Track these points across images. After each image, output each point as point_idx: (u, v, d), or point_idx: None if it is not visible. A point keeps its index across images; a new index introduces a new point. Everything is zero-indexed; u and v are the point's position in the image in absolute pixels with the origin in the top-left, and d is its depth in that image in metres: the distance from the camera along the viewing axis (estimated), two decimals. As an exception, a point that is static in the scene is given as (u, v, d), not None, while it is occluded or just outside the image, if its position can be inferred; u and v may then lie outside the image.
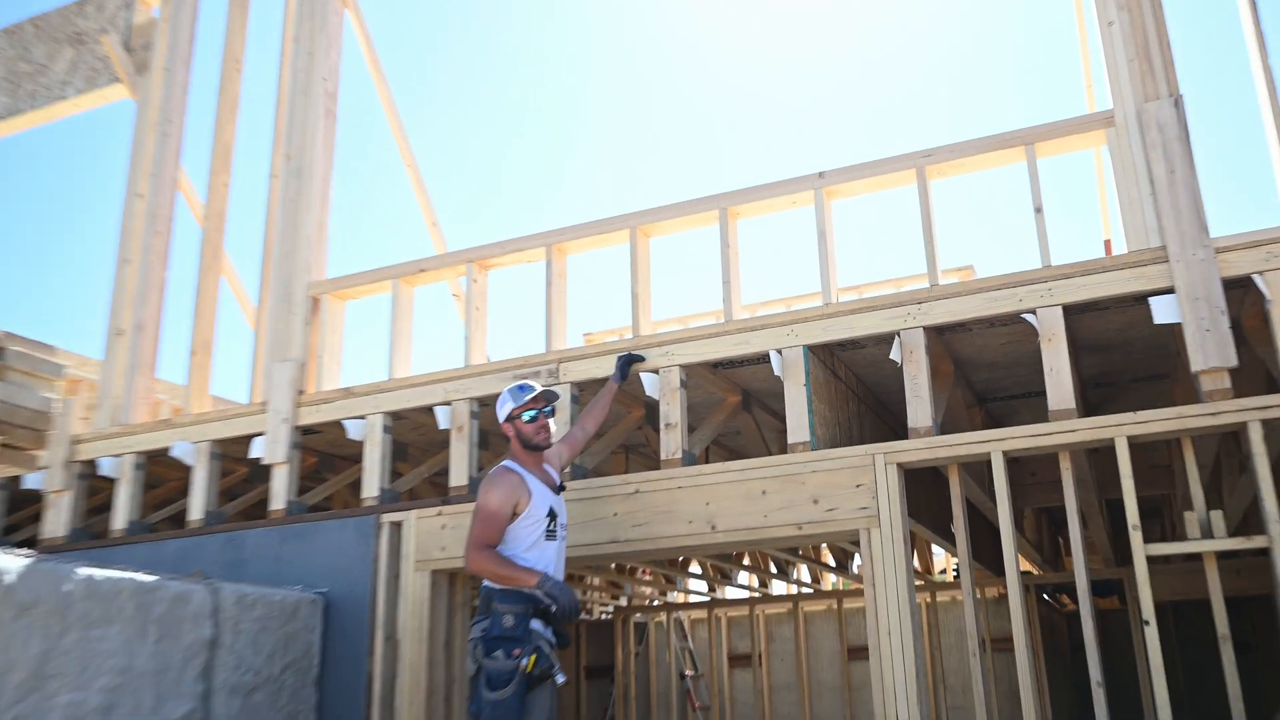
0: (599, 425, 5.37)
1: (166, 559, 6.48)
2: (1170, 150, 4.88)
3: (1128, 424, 4.63)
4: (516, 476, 4.63)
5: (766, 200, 5.74)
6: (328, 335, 6.74)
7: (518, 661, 4.29)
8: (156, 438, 7.07)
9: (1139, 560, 4.56)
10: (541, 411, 4.75)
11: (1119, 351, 5.97)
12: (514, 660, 4.30)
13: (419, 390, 6.25)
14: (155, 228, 7.70)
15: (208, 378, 7.49)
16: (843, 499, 4.95)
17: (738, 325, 5.54)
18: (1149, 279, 4.78)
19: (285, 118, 7.40)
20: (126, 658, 4.60)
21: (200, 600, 5.07)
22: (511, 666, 4.28)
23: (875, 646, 4.74)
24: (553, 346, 6.00)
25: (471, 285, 6.35)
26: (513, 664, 4.29)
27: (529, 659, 4.30)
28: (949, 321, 5.13)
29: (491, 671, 4.31)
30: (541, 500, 4.64)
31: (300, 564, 6.08)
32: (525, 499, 4.58)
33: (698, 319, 9.47)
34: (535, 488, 4.65)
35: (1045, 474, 7.94)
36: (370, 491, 6.18)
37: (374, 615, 5.80)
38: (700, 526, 5.20)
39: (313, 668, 5.78)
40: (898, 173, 5.45)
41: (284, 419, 6.54)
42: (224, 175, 7.84)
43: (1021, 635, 4.73)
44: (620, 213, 6.02)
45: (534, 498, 4.60)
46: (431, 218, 8.58)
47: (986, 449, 4.84)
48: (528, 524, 4.57)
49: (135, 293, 7.60)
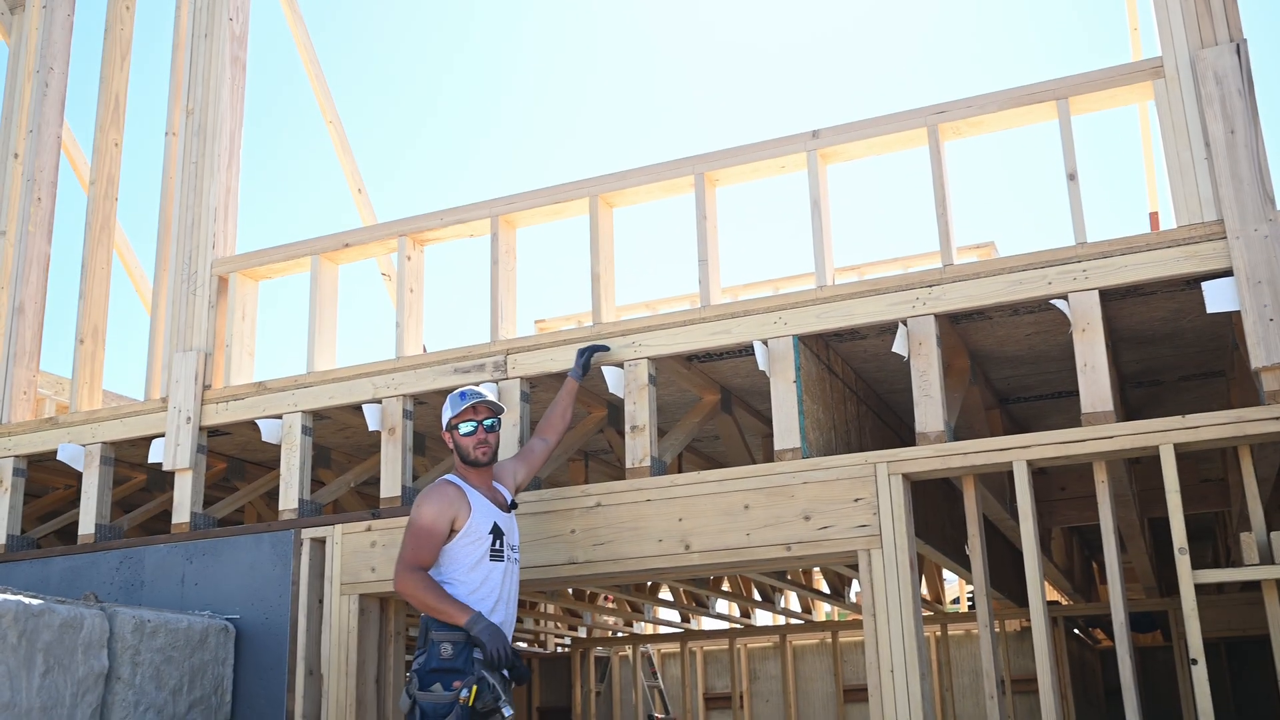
0: (561, 435, 5.41)
1: (53, 579, 6.52)
2: (1230, 106, 4.81)
3: (1175, 430, 4.61)
4: (454, 489, 4.72)
5: (751, 164, 5.70)
6: (237, 321, 6.72)
7: (457, 694, 4.36)
8: (40, 439, 7.10)
9: (1186, 589, 4.53)
10: (481, 424, 4.83)
11: (1165, 344, 5.95)
12: (453, 693, 4.37)
13: (344, 385, 6.25)
14: (35, 194, 7.68)
15: (99, 370, 7.48)
16: (839, 515, 4.94)
17: (716, 311, 5.52)
18: (1202, 259, 4.74)
19: (185, 65, 7.34)
20: (10, 692, 4.59)
21: (93, 627, 5.06)
22: (449, 699, 4.36)
23: (876, 687, 4.73)
24: (499, 335, 6.00)
25: (405, 263, 6.34)
26: (450, 696, 4.36)
27: (470, 690, 4.36)
28: (965, 308, 5.11)
29: (426, 706, 4.39)
30: (483, 517, 4.72)
31: (208, 586, 6.11)
32: (464, 514, 4.67)
33: (669, 304, 9.50)
34: (477, 502, 4.74)
35: (1077, 488, 7.97)
36: (288, 503, 6.20)
37: (294, 646, 5.80)
38: (672, 546, 5.21)
39: (224, 705, 5.80)
40: (906, 132, 5.40)
41: (187, 418, 6.56)
42: (114, 133, 7.81)
43: (1047, 675, 4.70)
44: (579, 178, 6.00)
45: (474, 513, 4.69)
46: (357, 183, 8.62)
47: (1008, 458, 4.83)
48: (466, 543, 4.65)
49: (13, 270, 7.58)
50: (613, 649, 12.44)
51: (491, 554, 4.68)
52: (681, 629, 13.10)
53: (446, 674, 4.43)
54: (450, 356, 6.01)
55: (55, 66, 7.90)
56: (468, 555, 4.64)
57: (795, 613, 12.51)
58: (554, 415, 5.37)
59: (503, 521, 4.81)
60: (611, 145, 49.93)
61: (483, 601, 4.62)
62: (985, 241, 8.33)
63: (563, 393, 5.45)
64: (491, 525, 4.72)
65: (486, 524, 4.70)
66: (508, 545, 4.78)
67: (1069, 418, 6.95)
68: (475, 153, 48.01)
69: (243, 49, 7.23)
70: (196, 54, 7.16)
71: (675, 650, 12.49)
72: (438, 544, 4.62)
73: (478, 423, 4.82)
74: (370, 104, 39.77)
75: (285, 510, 6.16)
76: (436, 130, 47.16)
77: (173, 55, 7.79)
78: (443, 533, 4.62)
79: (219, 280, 6.77)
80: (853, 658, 11.44)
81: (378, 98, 41.15)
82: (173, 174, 7.61)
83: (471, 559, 4.63)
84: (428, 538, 4.60)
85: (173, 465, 6.49)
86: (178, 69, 7.71)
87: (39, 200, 7.66)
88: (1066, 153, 5.06)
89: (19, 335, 7.43)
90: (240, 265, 6.76)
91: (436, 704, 4.37)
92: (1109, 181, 41.05)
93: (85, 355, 7.40)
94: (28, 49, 7.96)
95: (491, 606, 4.63)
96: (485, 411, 4.85)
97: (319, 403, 6.28)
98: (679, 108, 52.46)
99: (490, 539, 4.69)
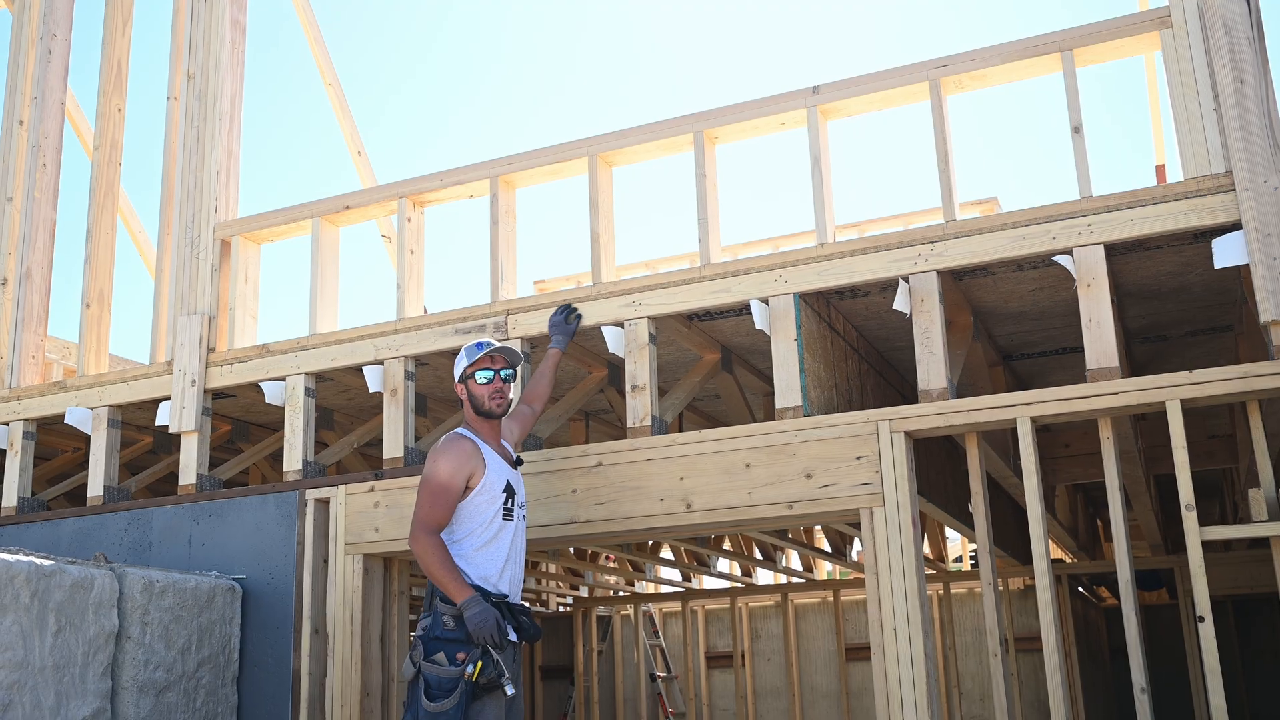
0: (545, 406, 5.36)
1: (64, 540, 6.56)
2: (1239, 54, 4.72)
3: (1182, 385, 4.56)
4: (470, 444, 4.60)
5: (750, 121, 5.64)
6: (240, 284, 6.68)
7: (462, 668, 4.27)
8: (48, 402, 7.09)
9: (1193, 546, 4.49)
10: (498, 373, 4.71)
11: (1172, 299, 5.91)
12: (458, 667, 4.28)
13: (346, 347, 6.23)
14: (40, 160, 7.62)
15: (105, 334, 7.45)
16: (840, 473, 4.93)
17: (716, 270, 5.49)
18: (1210, 212, 4.66)
19: (185, 29, 7.29)
20: (23, 650, 4.62)
21: (103, 587, 5.09)
22: (455, 674, 4.26)
23: (878, 645, 4.73)
24: (500, 296, 5.97)
25: (405, 225, 6.31)
26: (456, 672, 4.27)
27: (474, 665, 4.25)
28: (967, 264, 5.06)
29: (431, 678, 4.29)
30: (498, 473, 4.61)
31: (215, 546, 6.14)
32: (480, 470, 4.55)
33: (669, 263, 9.50)
34: (491, 459, 4.62)
35: (1081, 445, 8.00)
36: (292, 464, 6.19)
37: (300, 605, 5.82)
38: (673, 505, 5.20)
39: (231, 664, 5.83)
40: (907, 86, 5.34)
41: (192, 381, 6.54)
42: (117, 98, 7.74)
43: (1051, 634, 4.68)
44: (578, 137, 5.96)
45: (489, 470, 4.57)
46: (357, 145, 8.65)
47: (1011, 415, 4.79)
48: (482, 500, 4.54)
49: (19, 236, 7.54)
50: (614, 608, 12.43)
51: (504, 512, 4.58)
52: (683, 588, 13.12)
53: (450, 644, 4.33)
54: (451, 317, 5.97)
55: (58, 33, 7.84)
56: (481, 513, 4.52)
57: (796, 571, 12.50)
58: (539, 386, 5.27)
59: (513, 479, 4.71)
60: (610, 104, 49.64)
61: (493, 561, 4.52)
62: (988, 197, 8.31)
63: (545, 363, 5.34)
64: (505, 483, 4.62)
65: (500, 481, 4.60)
66: (517, 503, 4.69)
67: (1073, 374, 6.98)
68: (474, 114, 47.81)
69: (242, 12, 7.16)
70: (197, 18, 7.09)
71: (677, 609, 12.44)
72: (454, 501, 4.49)
73: (495, 371, 4.70)
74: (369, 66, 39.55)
75: (289, 471, 6.16)
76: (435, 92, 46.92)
77: (173, 20, 7.75)
78: (459, 489, 4.50)
79: (221, 244, 6.74)
80: (854, 616, 11.38)
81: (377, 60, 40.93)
82: (174, 139, 7.56)
83: (485, 517, 4.52)
84: (444, 494, 4.48)
85: (178, 428, 6.49)
86: (178, 33, 7.67)
87: (44, 166, 7.61)
88: (1071, 105, 4.99)
89: (26, 300, 7.41)
90: (242, 229, 6.73)
91: (441, 677, 4.26)
92: (1115, 135, 40.72)
93: (91, 320, 7.37)
94: (31, 16, 7.90)
95: (501, 566, 4.53)
96: (503, 361, 4.74)
97: (321, 365, 6.26)
98: (678, 66, 52.12)
99: (504, 497, 4.59)
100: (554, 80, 48.29)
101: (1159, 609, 10.45)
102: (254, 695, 5.79)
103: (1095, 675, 10.11)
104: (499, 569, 4.52)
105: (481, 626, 4.29)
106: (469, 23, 46.80)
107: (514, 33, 47.02)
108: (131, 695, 5.15)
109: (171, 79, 7.61)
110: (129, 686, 5.14)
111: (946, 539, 11.71)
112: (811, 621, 11.69)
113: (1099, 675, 10.42)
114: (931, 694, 4.60)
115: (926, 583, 4.95)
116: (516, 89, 49.00)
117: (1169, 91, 4.90)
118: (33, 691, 4.63)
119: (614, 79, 51.21)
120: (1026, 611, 10.10)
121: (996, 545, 7.01)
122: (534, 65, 46.66)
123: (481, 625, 4.30)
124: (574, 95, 48.31)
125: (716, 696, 11.98)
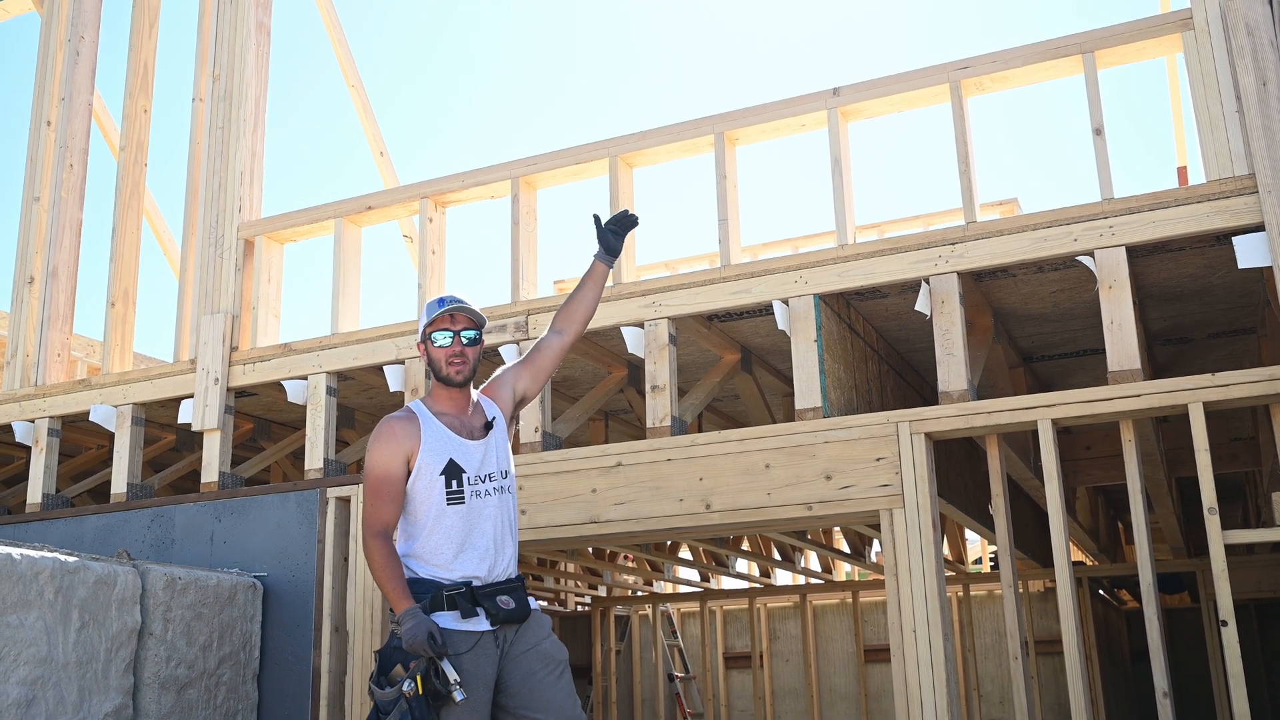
0: (582, 328, 4.37)
1: (87, 537, 6.59)
2: (1262, 57, 4.70)
3: (1204, 387, 4.53)
4: (398, 423, 3.97)
5: (771, 122, 5.65)
6: (263, 283, 6.71)
7: (399, 686, 3.65)
8: (73, 400, 7.12)
9: (1216, 550, 4.46)
10: (458, 334, 4.02)
11: (1194, 301, 5.89)
12: (394, 690, 3.68)
13: (367, 346, 6.25)
14: (68, 160, 7.65)
15: (130, 332, 7.46)
16: (860, 475, 4.92)
17: (736, 270, 5.48)
18: (1233, 213, 4.64)
19: (211, 32, 7.32)
20: (47, 646, 4.63)
21: (126, 583, 5.09)
22: (392, 697, 3.66)
23: (897, 647, 4.71)
24: (520, 296, 5.99)
25: (426, 225, 6.32)
26: (394, 692, 3.66)
27: (414, 682, 3.63)
28: (988, 265, 5.05)
29: (378, 702, 3.72)
30: (436, 453, 3.93)
31: (236, 544, 6.15)
32: (416, 450, 3.92)
33: (689, 264, 9.51)
34: (432, 435, 3.96)
35: (1103, 447, 7.98)
36: (314, 462, 6.21)
37: (320, 603, 5.82)
38: (693, 505, 5.20)
39: (252, 661, 5.82)
40: (928, 88, 5.35)
41: (215, 379, 6.55)
42: (143, 100, 7.76)
43: (1072, 636, 4.67)
44: (599, 139, 5.97)
45: (424, 449, 3.92)
46: (379, 146, 8.64)
47: (1033, 417, 4.77)
48: (421, 485, 3.92)
49: (47, 235, 7.58)
50: (633, 608, 12.41)
51: (448, 497, 3.89)
52: (701, 588, 13.11)
53: (405, 654, 3.71)
54: (472, 317, 5.94)
55: (86, 35, 7.88)
56: (422, 498, 3.90)
57: (815, 572, 12.46)
58: (574, 304, 4.30)
59: (468, 453, 3.97)
60: (630, 105, 49.66)
61: (440, 550, 3.89)
62: (1009, 198, 8.31)
63: (587, 277, 4.37)
64: (445, 464, 3.92)
65: (439, 461, 3.91)
66: (474, 480, 3.95)
67: (1094, 376, 6.95)
68: (496, 115, 47.91)
69: (267, 15, 7.19)
70: (222, 21, 7.13)
71: (695, 609, 12.42)
72: (396, 490, 3.87)
73: (454, 333, 4.00)
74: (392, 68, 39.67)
75: (311, 470, 6.18)
76: (458, 93, 47.05)
77: (199, 22, 7.73)
78: (397, 476, 3.87)
79: (245, 243, 6.76)
80: (873, 618, 11.33)
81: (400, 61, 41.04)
82: (199, 139, 7.56)
83: (427, 502, 3.90)
84: (381, 486, 3.87)
85: (201, 425, 6.51)
86: (204, 35, 7.66)
87: (71, 167, 7.64)
88: (1093, 107, 5.01)
89: (53, 299, 7.44)
90: (265, 229, 6.76)
91: (382, 699, 3.68)
92: (1137, 137, 40.48)
93: (116, 318, 7.39)
94: (59, 18, 7.95)
95: (454, 551, 3.88)
96: (464, 321, 4.02)
97: (343, 364, 6.28)
98: (700, 67, 52.08)
99: (442, 480, 3.90)
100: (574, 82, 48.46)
101: (1180, 611, 10.38)
102: (274, 692, 5.78)
103: (1116, 678, 10.05)
104: (451, 555, 3.88)
105: (413, 642, 3.69)
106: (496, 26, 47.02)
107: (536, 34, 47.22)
108: (153, 691, 5.15)
109: (197, 81, 7.61)
110: (151, 683, 5.14)
111: (966, 541, 11.66)
112: (830, 622, 11.65)
113: (1120, 678, 10.35)
114: (951, 696, 4.58)
115: (946, 584, 4.93)
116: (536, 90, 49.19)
117: (1191, 94, 4.88)
118: (56, 687, 4.63)
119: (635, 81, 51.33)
120: (1047, 614, 10.04)
121: (1017, 547, 6.97)
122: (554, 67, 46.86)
123: (413, 640, 3.69)
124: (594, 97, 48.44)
125: (734, 697, 11.96)
